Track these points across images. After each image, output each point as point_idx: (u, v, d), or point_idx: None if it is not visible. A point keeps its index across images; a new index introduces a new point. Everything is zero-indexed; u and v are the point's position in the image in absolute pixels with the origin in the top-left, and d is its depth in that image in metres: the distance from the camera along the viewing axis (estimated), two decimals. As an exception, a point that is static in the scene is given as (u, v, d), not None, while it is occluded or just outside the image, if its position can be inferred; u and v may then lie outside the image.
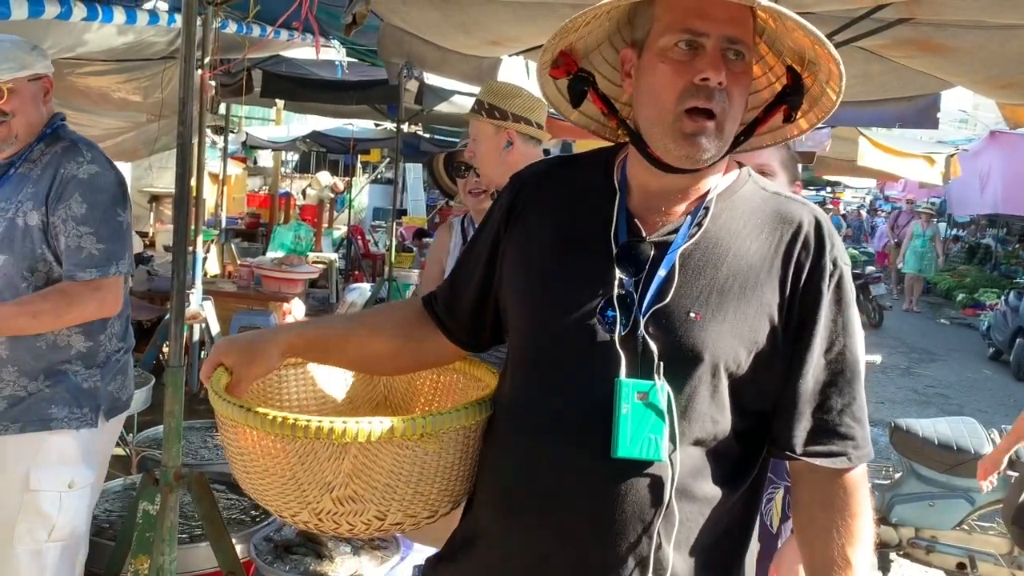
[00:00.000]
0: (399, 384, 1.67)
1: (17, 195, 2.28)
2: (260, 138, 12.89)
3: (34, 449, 2.30)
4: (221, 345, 1.39)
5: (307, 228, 9.63)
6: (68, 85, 6.08)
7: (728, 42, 1.18)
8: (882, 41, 3.28)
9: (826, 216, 1.31)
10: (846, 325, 1.26)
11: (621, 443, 1.17)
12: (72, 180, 2.25)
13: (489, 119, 2.55)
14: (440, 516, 1.34)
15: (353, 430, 1.17)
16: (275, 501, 1.29)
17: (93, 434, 2.37)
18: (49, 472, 2.30)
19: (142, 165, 11.68)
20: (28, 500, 2.28)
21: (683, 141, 1.20)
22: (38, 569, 2.32)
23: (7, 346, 2.29)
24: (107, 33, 4.17)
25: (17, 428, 2.30)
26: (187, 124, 2.10)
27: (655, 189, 1.29)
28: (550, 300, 1.29)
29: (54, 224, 2.24)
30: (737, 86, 1.20)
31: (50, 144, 2.36)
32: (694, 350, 1.20)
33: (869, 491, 1.33)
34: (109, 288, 2.29)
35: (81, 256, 2.24)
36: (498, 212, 1.41)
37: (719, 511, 1.25)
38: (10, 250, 2.26)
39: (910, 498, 3.76)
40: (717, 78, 1.17)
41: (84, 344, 2.35)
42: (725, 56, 1.18)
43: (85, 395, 2.35)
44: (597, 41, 1.33)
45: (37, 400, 2.31)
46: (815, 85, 1.24)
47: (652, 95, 1.22)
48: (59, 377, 2.32)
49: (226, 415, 1.24)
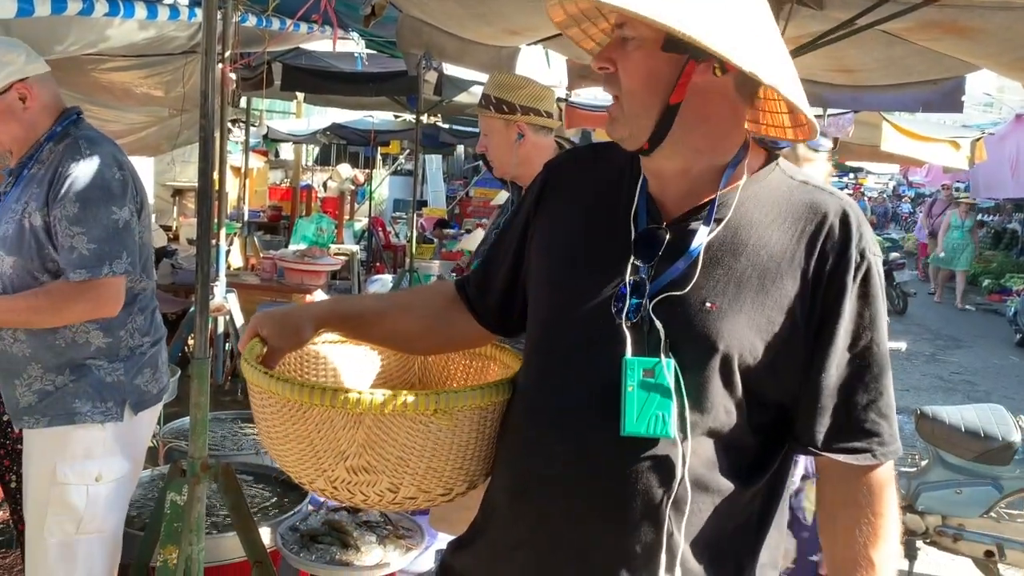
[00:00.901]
0: (433, 367, 1.71)
1: (25, 196, 2.28)
2: (281, 131, 12.95)
3: (60, 443, 2.33)
4: (259, 317, 1.43)
5: (329, 220, 9.66)
6: (92, 81, 6.15)
7: (617, 26, 1.22)
8: (905, 24, 3.24)
9: (856, 206, 1.28)
10: (874, 319, 1.23)
11: (628, 420, 1.17)
12: (67, 178, 2.23)
13: (498, 114, 2.54)
14: (455, 495, 1.36)
15: (367, 400, 1.21)
16: (294, 467, 1.33)
17: (120, 427, 2.38)
18: (75, 465, 2.32)
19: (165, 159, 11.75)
20: (55, 493, 2.31)
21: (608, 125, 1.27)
22: (68, 561, 2.36)
23: (28, 344, 2.32)
24: (128, 28, 4.20)
25: (45, 422, 2.32)
26: (208, 118, 2.11)
27: (655, 172, 1.29)
28: (568, 285, 1.30)
29: (52, 224, 2.24)
30: (625, 64, 1.21)
31: (58, 142, 2.34)
32: (708, 340, 1.19)
33: (896, 490, 1.30)
34: (104, 288, 2.26)
35: (72, 256, 2.23)
36: (529, 198, 1.44)
37: (734, 504, 1.23)
38: (19, 251, 2.27)
39: (937, 486, 3.72)
40: (595, 64, 1.23)
41: (103, 340, 2.36)
42: (621, 41, 1.21)
43: (109, 389, 2.36)
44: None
45: (63, 394, 2.33)
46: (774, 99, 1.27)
47: None
48: (83, 371, 2.34)
49: (252, 381, 1.29)
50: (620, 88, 1.21)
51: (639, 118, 1.21)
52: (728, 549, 1.26)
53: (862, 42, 3.56)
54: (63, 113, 2.40)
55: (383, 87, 6.69)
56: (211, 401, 2.33)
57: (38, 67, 2.36)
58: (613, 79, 1.21)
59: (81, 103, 6.30)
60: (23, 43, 2.40)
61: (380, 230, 11.66)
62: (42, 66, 2.37)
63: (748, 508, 1.26)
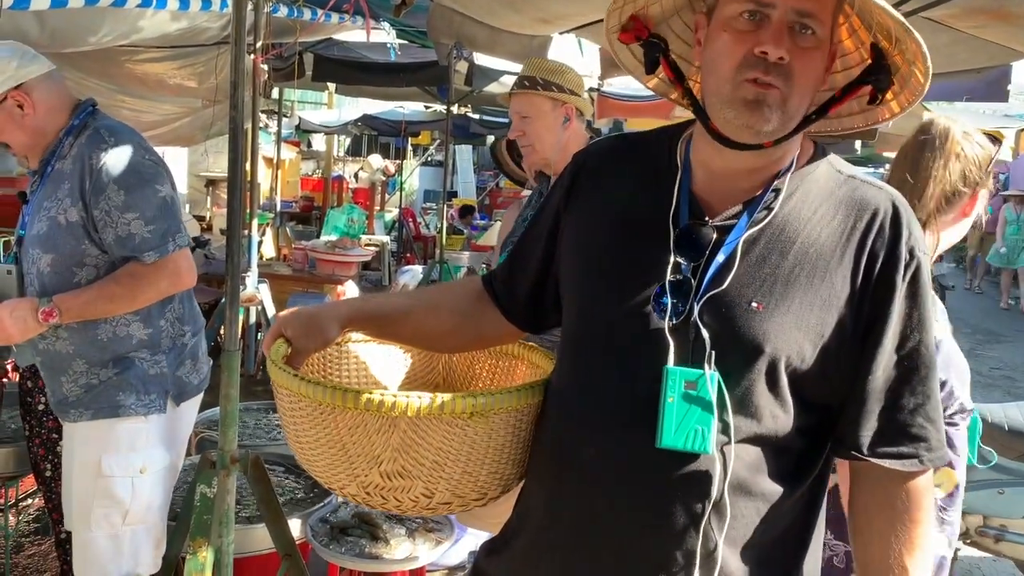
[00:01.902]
0: (458, 366, 1.67)
1: (56, 192, 2.26)
2: (312, 122, 13.02)
3: (105, 435, 2.33)
4: (283, 317, 1.40)
5: (360, 211, 9.71)
6: (126, 72, 6.21)
7: (796, 15, 1.11)
8: (950, 11, 3.14)
9: (905, 202, 1.23)
10: (922, 319, 1.19)
11: (666, 433, 1.13)
12: (102, 170, 2.21)
13: (547, 93, 2.49)
14: (489, 500, 1.33)
15: (403, 403, 1.17)
16: (325, 472, 1.30)
17: (163, 419, 2.40)
18: (120, 458, 2.33)
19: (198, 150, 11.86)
20: (101, 486, 2.33)
21: (743, 109, 1.13)
22: (115, 552, 2.38)
23: (70, 341, 2.32)
24: (161, 19, 4.22)
25: (89, 415, 2.33)
26: (239, 109, 2.09)
27: (718, 168, 1.23)
28: (605, 284, 1.25)
29: (98, 218, 2.22)
30: (802, 61, 1.13)
31: (78, 135, 2.31)
32: (754, 342, 1.14)
33: (933, 499, 1.26)
34: (176, 263, 2.29)
35: (136, 242, 2.23)
36: (559, 191, 1.38)
37: (778, 509, 1.19)
38: (55, 248, 2.25)
39: (978, 485, 3.63)
40: (776, 52, 1.10)
41: (144, 332, 2.36)
42: (792, 29, 1.12)
43: (152, 381, 2.37)
44: (676, 7, 1.29)
45: (107, 387, 2.33)
46: (904, 65, 1.17)
47: (713, 64, 1.17)
48: (126, 364, 2.34)
49: (282, 384, 1.26)
50: (790, 82, 1.12)
51: (796, 114, 1.16)
52: (773, 556, 1.22)
53: (904, 29, 3.47)
54: (77, 107, 2.36)
55: (414, 77, 6.68)
56: (243, 391, 2.33)
57: (34, 69, 2.29)
58: (783, 70, 1.12)
59: (115, 94, 6.42)
60: (16, 46, 2.34)
61: (410, 221, 11.70)
62: (39, 67, 2.30)
63: (792, 512, 1.22)
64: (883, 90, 1.20)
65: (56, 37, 3.74)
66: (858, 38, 1.24)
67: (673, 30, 1.31)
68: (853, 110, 1.28)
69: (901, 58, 1.16)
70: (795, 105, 1.15)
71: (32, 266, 2.30)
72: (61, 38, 3.78)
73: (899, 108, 1.24)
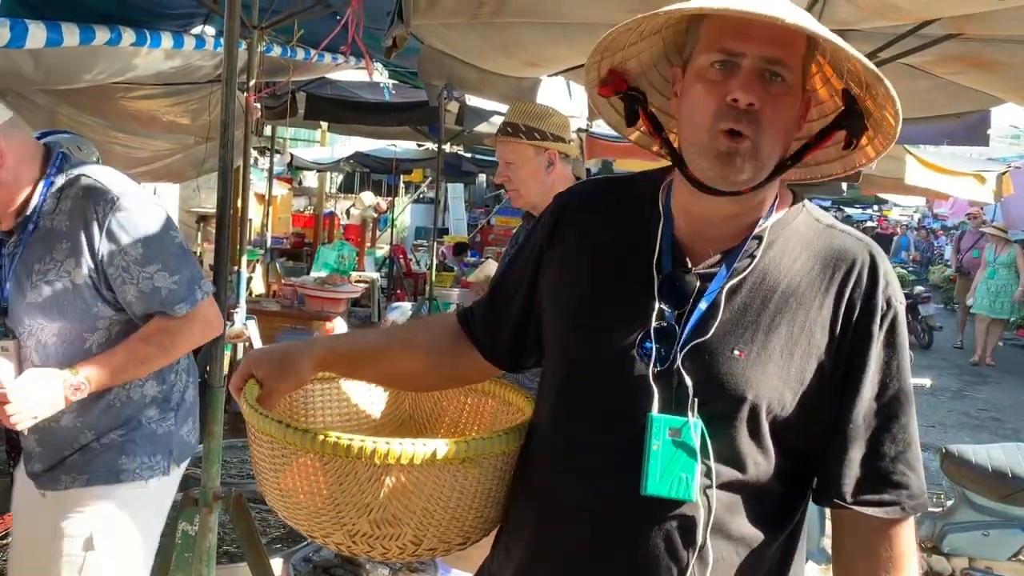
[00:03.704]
0: (425, 403, 1.65)
1: (51, 254, 2.00)
2: (305, 159, 13.10)
3: (97, 502, 2.06)
4: (253, 356, 1.36)
5: (350, 248, 9.70)
6: (119, 108, 6.25)
7: (765, 62, 1.14)
8: (928, 57, 3.22)
9: (882, 252, 1.25)
10: (900, 367, 1.20)
11: (651, 481, 1.13)
12: (113, 223, 1.98)
13: (530, 141, 2.53)
14: (471, 543, 1.32)
15: (396, 451, 1.14)
16: (307, 521, 1.26)
17: (164, 483, 2.14)
18: (107, 527, 2.05)
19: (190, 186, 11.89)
20: (90, 559, 2.04)
21: (715, 160, 1.15)
22: None
23: (78, 414, 2.05)
24: (155, 57, 4.27)
25: (83, 480, 2.06)
26: (228, 147, 2.12)
27: (698, 215, 1.24)
28: (587, 329, 1.25)
29: (114, 276, 1.99)
30: (773, 108, 1.15)
31: (65, 187, 2.03)
32: (736, 389, 1.15)
33: (916, 546, 1.26)
34: (206, 311, 2.10)
35: (163, 296, 2.02)
36: (540, 232, 1.38)
37: (758, 553, 1.20)
38: (62, 314, 2.00)
39: (963, 527, 3.63)
40: (746, 99, 1.13)
41: (158, 388, 2.14)
42: (762, 77, 1.14)
43: (160, 441, 2.12)
44: (652, 60, 1.31)
45: (107, 450, 2.07)
46: (877, 110, 1.19)
47: (689, 115, 1.19)
48: (134, 424, 2.09)
49: (263, 430, 1.21)
50: (760, 128, 1.14)
51: (768, 162, 1.17)
52: None
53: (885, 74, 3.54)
54: (48, 155, 2.08)
55: (405, 116, 6.75)
56: (230, 428, 2.30)
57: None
58: (753, 117, 1.13)
59: (108, 130, 6.46)
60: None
61: (401, 258, 11.72)
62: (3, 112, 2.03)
63: (772, 556, 1.23)
64: (856, 135, 1.22)
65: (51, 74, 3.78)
66: (831, 87, 1.27)
67: (651, 83, 1.33)
68: (831, 157, 1.30)
69: (873, 103, 1.19)
70: (767, 152, 1.17)
71: (30, 338, 2.03)
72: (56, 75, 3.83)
73: (874, 153, 1.27)
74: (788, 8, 1.10)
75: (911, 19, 2.71)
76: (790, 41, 1.14)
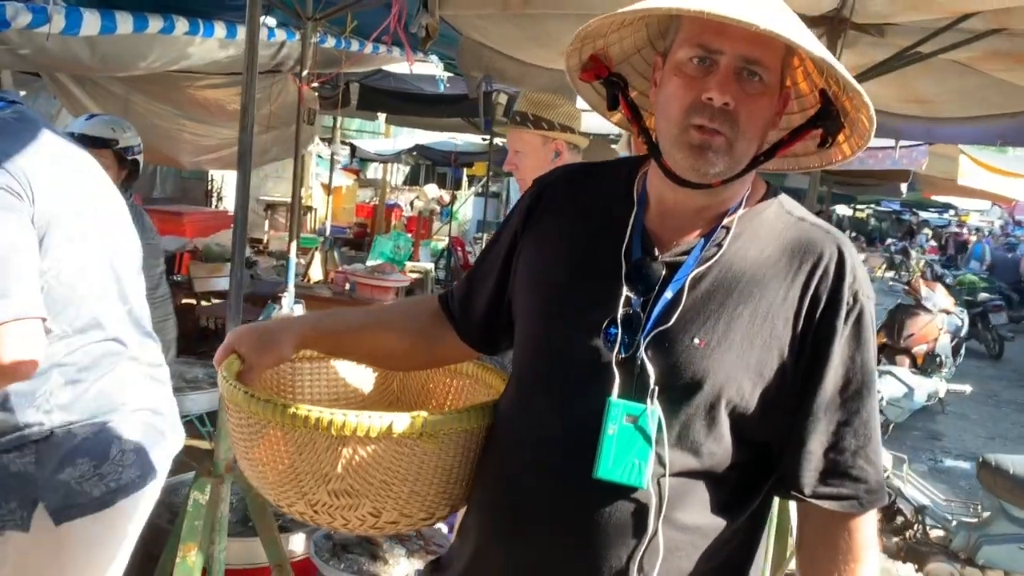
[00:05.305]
0: (412, 384, 1.67)
1: None
2: (368, 151, 13.31)
3: None
4: (237, 332, 1.39)
5: (406, 238, 9.82)
6: (188, 97, 6.48)
7: (744, 61, 1.14)
8: (974, 53, 3.11)
9: (851, 246, 1.24)
10: (864, 362, 1.19)
11: (603, 464, 1.14)
12: None
13: (536, 130, 2.55)
14: (437, 519, 1.34)
15: (352, 423, 1.17)
16: (273, 490, 1.30)
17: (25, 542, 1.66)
18: None
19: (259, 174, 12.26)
20: None
21: (688, 153, 1.16)
22: None
23: None
24: (209, 47, 4.41)
25: None
26: (248, 131, 2.19)
27: (670, 205, 1.25)
28: (555, 313, 1.27)
29: None
30: (749, 107, 1.15)
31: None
32: (695, 378, 1.16)
33: (877, 535, 1.26)
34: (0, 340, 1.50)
35: None
36: (517, 215, 1.40)
37: (714, 543, 1.20)
38: None
39: (1000, 539, 3.52)
40: (721, 99, 1.13)
41: (4, 417, 1.65)
42: (740, 75, 1.14)
43: (11, 482, 1.65)
44: (637, 46, 1.32)
45: None
46: (853, 110, 1.20)
47: (664, 107, 1.20)
48: None
49: (232, 400, 1.25)
50: (736, 128, 1.15)
51: (743, 158, 1.19)
52: None
53: (933, 71, 3.44)
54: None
55: (455, 108, 6.80)
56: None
57: None
58: (729, 116, 1.14)
59: (178, 118, 6.68)
60: None
61: (459, 250, 11.80)
62: None
63: (729, 546, 1.22)
64: (832, 133, 1.22)
65: (107, 62, 3.94)
66: (812, 81, 1.27)
67: (635, 68, 1.34)
68: (809, 150, 1.30)
69: (850, 103, 1.19)
70: (742, 149, 1.17)
71: None
72: (112, 63, 3.99)
73: (850, 151, 1.26)
74: (766, 9, 1.10)
75: (946, 13, 2.64)
76: (770, 41, 1.13)
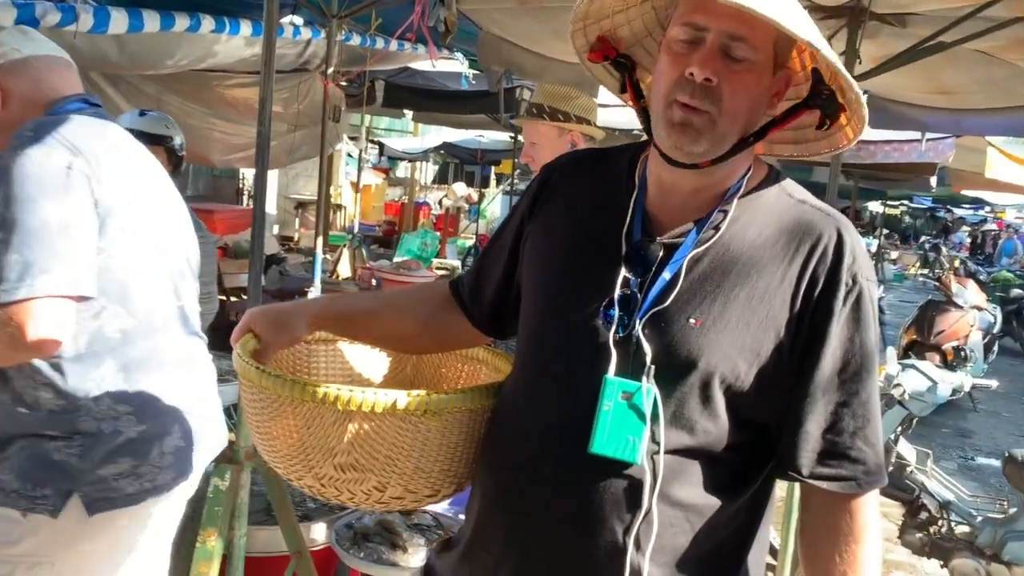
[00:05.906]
0: (426, 369, 1.71)
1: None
2: (395, 149, 13.39)
3: None
4: (253, 312, 1.44)
5: (433, 235, 9.92)
6: (218, 96, 6.57)
7: (728, 38, 1.14)
8: (999, 42, 3.07)
9: (852, 229, 1.25)
10: (864, 344, 1.19)
11: (598, 439, 1.16)
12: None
13: (552, 122, 2.56)
14: (442, 496, 1.37)
15: (358, 399, 1.21)
16: (283, 463, 1.34)
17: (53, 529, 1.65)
18: None
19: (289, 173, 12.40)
20: None
21: (671, 130, 1.17)
22: None
23: None
24: (235, 45, 4.47)
25: None
26: (265, 125, 2.23)
27: (668, 186, 1.26)
28: (557, 294, 1.29)
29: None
30: (732, 84, 1.15)
31: None
32: (689, 356, 1.17)
33: (878, 516, 1.26)
34: (28, 315, 1.52)
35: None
36: (525, 200, 1.42)
37: (711, 522, 1.21)
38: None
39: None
40: (701, 74, 1.13)
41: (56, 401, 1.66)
42: (725, 53, 1.15)
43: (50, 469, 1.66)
44: (648, 29, 1.33)
45: None
46: (850, 91, 1.19)
47: (655, 85, 1.22)
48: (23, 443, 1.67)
49: (244, 376, 1.30)
50: (719, 105, 1.15)
51: (727, 137, 1.19)
52: (705, 569, 1.23)
53: (958, 61, 3.39)
54: (54, 102, 1.76)
55: (480, 104, 6.82)
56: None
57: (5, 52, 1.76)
58: (711, 93, 1.14)
59: (208, 117, 6.78)
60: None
61: (486, 247, 11.86)
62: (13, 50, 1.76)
63: (728, 526, 1.23)
64: (831, 115, 1.22)
65: (135, 60, 4.02)
66: None
67: (648, 51, 1.34)
68: (819, 136, 1.30)
69: (845, 84, 1.19)
70: (725, 127, 1.17)
71: None
72: (140, 61, 4.06)
73: (852, 135, 1.26)
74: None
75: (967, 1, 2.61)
76: (758, 19, 1.12)
